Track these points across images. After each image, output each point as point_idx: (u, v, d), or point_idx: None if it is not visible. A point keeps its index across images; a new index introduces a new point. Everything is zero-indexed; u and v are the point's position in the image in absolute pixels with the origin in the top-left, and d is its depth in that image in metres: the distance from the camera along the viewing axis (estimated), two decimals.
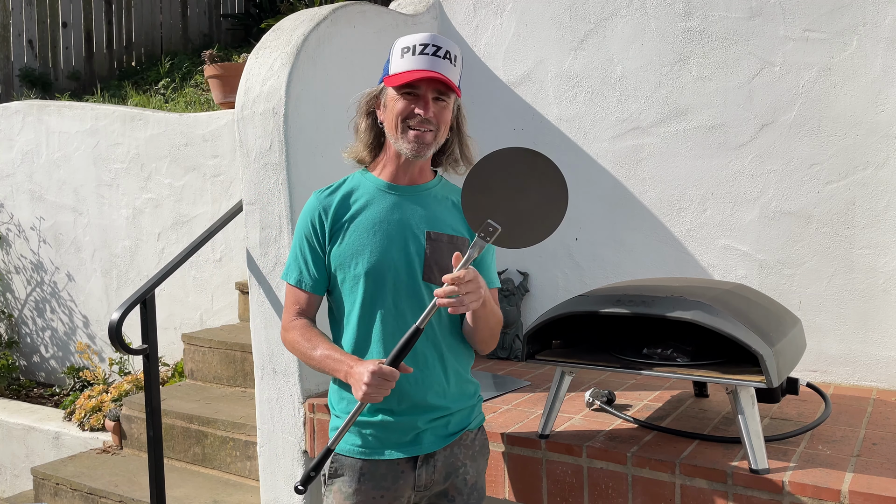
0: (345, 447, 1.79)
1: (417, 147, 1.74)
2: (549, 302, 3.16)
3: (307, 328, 1.81)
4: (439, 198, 1.85)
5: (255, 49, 2.74)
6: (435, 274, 1.76)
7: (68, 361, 5.14)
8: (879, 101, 2.58)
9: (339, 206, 1.80)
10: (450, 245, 1.79)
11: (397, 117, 1.73)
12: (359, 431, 1.79)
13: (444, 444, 1.80)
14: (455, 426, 1.83)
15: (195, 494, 3.18)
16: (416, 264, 1.76)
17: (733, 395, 1.87)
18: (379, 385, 1.61)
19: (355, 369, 1.65)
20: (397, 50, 1.75)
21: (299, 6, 6.27)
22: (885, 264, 2.60)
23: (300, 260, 1.82)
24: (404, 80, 1.70)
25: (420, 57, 1.71)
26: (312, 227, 1.80)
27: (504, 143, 3.27)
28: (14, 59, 7.19)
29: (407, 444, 1.77)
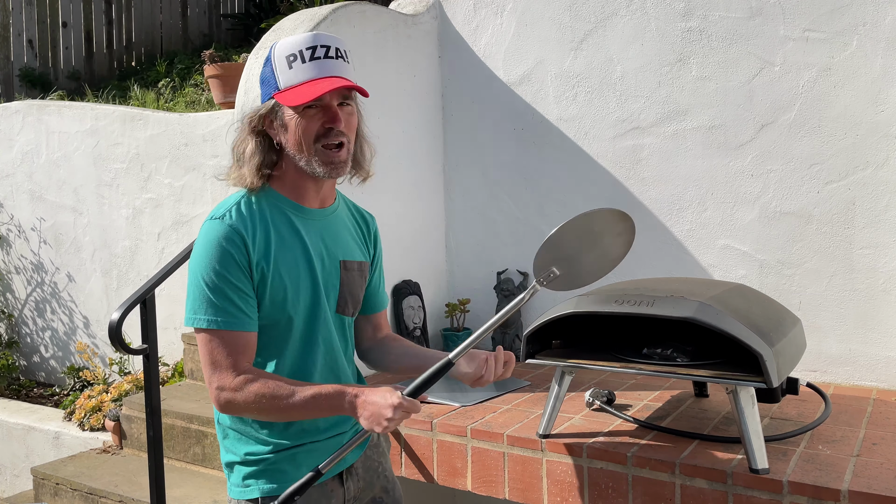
0: (268, 488, 1.59)
1: (335, 167, 1.55)
2: (550, 302, 3.16)
3: (267, 379, 1.51)
4: (343, 218, 1.72)
5: (255, 49, 2.74)
6: (348, 306, 1.67)
7: (68, 361, 5.14)
8: (879, 101, 2.58)
9: (259, 234, 1.55)
10: (358, 273, 1.69)
11: (306, 138, 1.52)
12: (282, 468, 1.60)
13: (361, 451, 1.74)
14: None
15: (195, 494, 3.18)
16: (332, 297, 1.63)
17: (733, 395, 1.87)
18: (401, 419, 1.46)
19: (367, 398, 1.47)
20: (281, 59, 1.53)
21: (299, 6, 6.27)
22: (885, 264, 2.60)
23: (221, 297, 1.50)
24: (306, 97, 1.48)
25: (311, 64, 1.51)
26: (230, 256, 1.51)
27: (504, 143, 3.27)
28: (14, 59, 7.19)
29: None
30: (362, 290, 1.73)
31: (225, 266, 1.51)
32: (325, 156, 1.54)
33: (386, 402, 1.45)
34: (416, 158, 3.28)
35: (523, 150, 3.24)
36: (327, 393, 1.50)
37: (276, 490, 1.58)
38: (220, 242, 1.52)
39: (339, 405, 1.51)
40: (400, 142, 3.17)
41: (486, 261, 3.35)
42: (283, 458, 1.60)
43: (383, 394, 1.47)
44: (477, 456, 2.26)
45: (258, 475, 1.60)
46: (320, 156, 1.54)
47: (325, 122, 1.53)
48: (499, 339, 3.24)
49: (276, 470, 1.61)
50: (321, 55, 1.52)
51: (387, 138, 2.81)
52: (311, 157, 1.54)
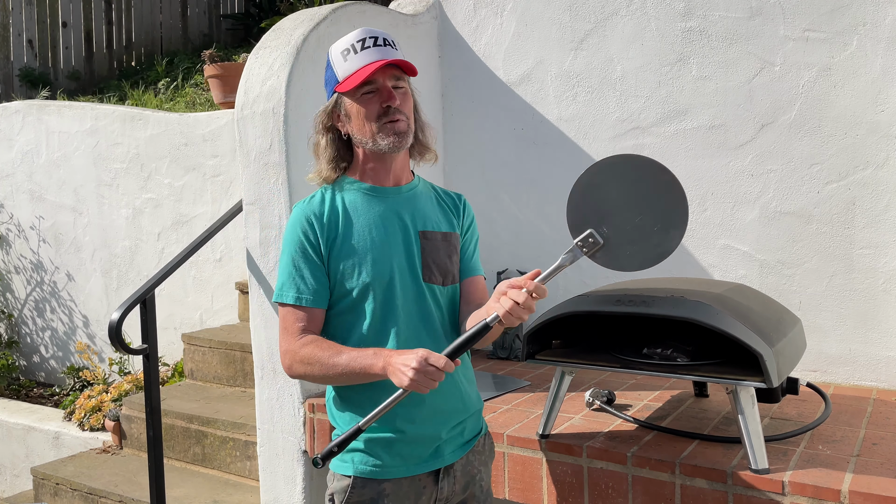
0: (365, 469, 1.67)
1: (398, 138, 1.66)
2: (550, 302, 3.16)
3: (319, 340, 1.65)
4: (424, 195, 1.80)
5: (254, 49, 2.74)
6: (434, 273, 1.72)
7: (68, 361, 5.14)
8: (879, 101, 2.58)
9: (330, 214, 1.70)
10: (444, 242, 1.75)
11: (368, 119, 1.66)
12: (377, 451, 1.67)
13: (463, 453, 1.75)
14: (469, 433, 1.78)
15: (195, 494, 3.18)
16: (417, 266, 1.70)
17: (733, 395, 1.87)
18: (427, 373, 1.47)
19: (396, 358, 1.52)
20: (336, 56, 1.68)
21: (299, 6, 6.27)
22: (885, 264, 2.60)
23: (295, 275, 1.67)
24: (358, 79, 1.63)
25: (363, 53, 1.65)
26: (305, 237, 1.68)
27: (504, 143, 3.27)
28: (14, 59, 7.19)
29: (429, 457, 1.70)
30: (451, 259, 1.76)
31: (299, 247, 1.68)
32: (387, 129, 1.66)
33: (413, 356, 1.49)
34: None
35: (523, 150, 3.24)
36: (364, 354, 1.58)
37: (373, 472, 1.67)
38: (296, 226, 1.69)
39: (373, 365, 1.57)
40: None
41: (486, 261, 3.35)
42: (377, 444, 1.67)
43: (412, 354, 1.50)
44: None
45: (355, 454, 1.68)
46: (383, 131, 1.66)
47: (383, 101, 1.65)
48: (499, 339, 3.25)
49: (371, 453, 1.68)
50: (370, 45, 1.66)
51: None
52: (375, 135, 1.66)
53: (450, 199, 1.86)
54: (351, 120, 1.69)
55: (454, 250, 1.78)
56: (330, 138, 1.73)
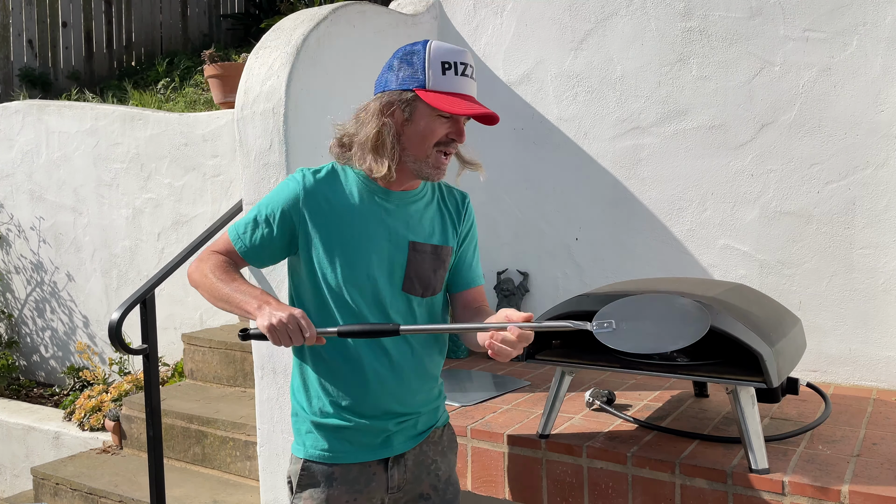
0: (314, 453, 1.73)
1: (438, 172, 1.68)
2: (549, 302, 3.16)
3: (228, 264, 1.70)
4: (427, 202, 1.79)
5: (254, 49, 2.73)
6: (415, 285, 1.72)
7: (68, 361, 5.14)
8: (879, 101, 2.58)
9: (326, 197, 1.68)
10: (433, 256, 1.74)
11: (431, 140, 1.64)
12: (328, 436, 1.73)
13: (414, 443, 1.78)
14: (423, 426, 1.81)
15: (195, 494, 3.18)
16: (398, 275, 1.70)
17: (733, 395, 1.87)
18: (291, 330, 1.50)
19: (274, 304, 1.54)
20: (436, 63, 1.62)
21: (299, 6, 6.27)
22: (885, 264, 2.60)
23: (257, 226, 1.70)
24: (460, 109, 1.59)
25: (462, 79, 1.63)
26: (292, 206, 1.67)
27: (504, 143, 3.27)
28: (14, 59, 7.19)
29: (377, 446, 1.74)
30: (437, 274, 1.76)
31: (276, 209, 1.68)
32: (438, 160, 1.67)
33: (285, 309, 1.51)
34: None
35: (523, 150, 3.24)
36: (249, 290, 1.60)
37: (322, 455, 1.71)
38: (287, 189, 1.69)
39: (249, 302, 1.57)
40: None
41: (486, 261, 3.35)
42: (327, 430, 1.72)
43: (285, 308, 1.53)
44: (477, 456, 2.26)
45: (307, 437, 1.74)
46: (433, 159, 1.67)
47: (451, 133, 1.66)
48: None
49: (323, 438, 1.72)
50: (469, 74, 1.66)
51: None
52: (425, 158, 1.66)
53: (453, 200, 1.85)
54: (412, 127, 1.65)
55: (441, 264, 1.77)
56: (393, 132, 1.65)
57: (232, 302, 1.62)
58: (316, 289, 1.70)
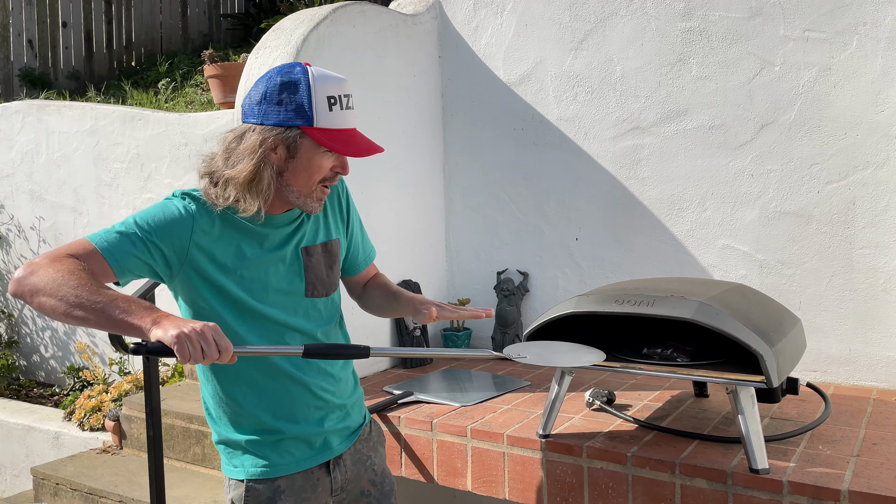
0: (256, 471, 1.66)
1: (320, 206, 1.65)
2: (549, 302, 3.16)
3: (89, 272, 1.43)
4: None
5: (255, 49, 2.74)
6: (317, 288, 1.71)
7: (68, 361, 5.14)
8: (879, 101, 2.58)
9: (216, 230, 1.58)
10: (325, 254, 1.74)
11: (317, 175, 1.58)
12: (266, 451, 1.67)
13: (350, 442, 1.78)
14: (354, 422, 1.80)
15: (195, 494, 3.18)
16: (298, 285, 1.68)
17: (733, 395, 1.87)
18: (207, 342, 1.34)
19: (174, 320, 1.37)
20: (322, 97, 1.53)
21: (299, 6, 6.27)
22: (885, 264, 2.60)
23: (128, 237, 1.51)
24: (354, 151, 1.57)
25: (346, 112, 1.57)
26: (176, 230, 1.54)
27: (504, 143, 3.27)
28: (14, 59, 7.19)
29: (317, 450, 1.72)
30: (333, 268, 1.77)
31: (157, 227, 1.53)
32: (321, 193, 1.63)
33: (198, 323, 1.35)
34: (415, 158, 3.28)
35: (523, 150, 3.24)
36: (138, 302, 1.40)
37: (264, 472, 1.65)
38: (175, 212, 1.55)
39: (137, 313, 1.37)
40: (400, 142, 3.17)
41: (486, 261, 3.35)
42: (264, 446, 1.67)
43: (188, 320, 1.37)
44: (477, 456, 2.26)
45: (244, 458, 1.68)
46: (318, 193, 1.62)
47: (337, 169, 1.62)
48: (499, 338, 3.24)
49: (260, 455, 1.67)
50: (352, 105, 1.60)
51: (387, 138, 2.81)
52: (309, 194, 1.61)
53: (333, 191, 1.80)
54: (296, 163, 1.56)
55: (335, 259, 1.77)
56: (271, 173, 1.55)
57: (107, 312, 1.36)
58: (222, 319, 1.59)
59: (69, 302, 1.37)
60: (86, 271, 1.42)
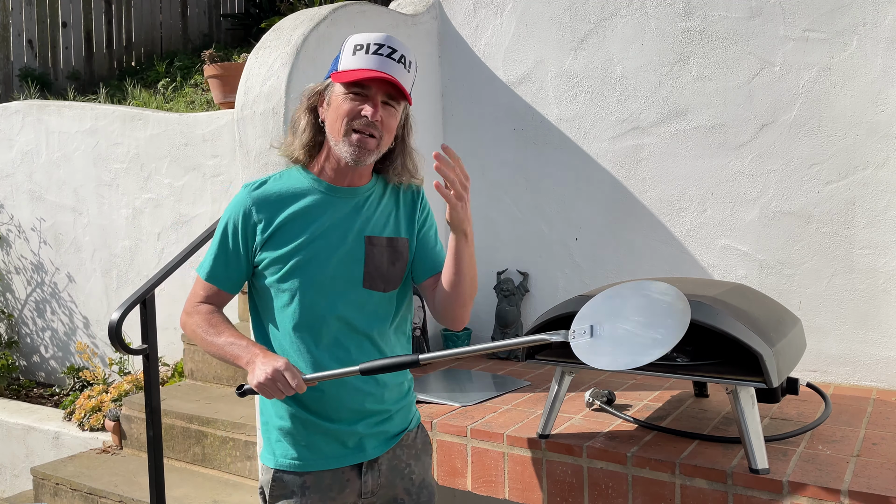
0: (285, 462, 1.70)
1: (358, 153, 1.63)
2: (550, 302, 3.16)
3: (213, 314, 1.71)
4: (379, 195, 1.77)
5: (254, 49, 2.74)
6: (376, 280, 1.70)
7: (68, 361, 5.14)
8: (879, 101, 2.58)
9: (272, 204, 1.68)
10: (389, 248, 1.72)
11: (343, 118, 1.63)
12: (298, 444, 1.70)
13: (387, 447, 1.75)
14: (396, 427, 1.77)
15: (195, 494, 3.18)
16: (358, 271, 1.68)
17: (733, 395, 1.87)
18: (279, 385, 1.54)
19: (261, 358, 1.58)
20: (349, 46, 1.65)
21: (299, 6, 6.27)
22: (885, 264, 2.60)
23: (217, 255, 1.71)
24: (354, 77, 1.60)
25: (373, 57, 1.62)
26: (236, 227, 1.68)
27: (504, 143, 3.27)
28: (14, 59, 7.19)
29: (350, 451, 1.71)
30: (396, 266, 1.73)
31: (230, 230, 1.69)
32: (353, 138, 1.63)
33: (275, 361, 1.55)
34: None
35: (523, 150, 3.24)
36: (240, 344, 1.64)
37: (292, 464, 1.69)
38: (235, 209, 1.70)
39: (241, 357, 1.63)
40: None
41: (486, 261, 3.35)
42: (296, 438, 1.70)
43: (276, 357, 1.57)
44: (477, 456, 2.26)
45: (277, 446, 1.72)
46: (349, 137, 1.63)
47: (363, 109, 1.62)
48: (498, 339, 3.25)
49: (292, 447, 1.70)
50: (384, 54, 1.63)
51: None
52: (343, 138, 1.64)
53: (408, 193, 1.82)
54: (329, 110, 1.67)
55: (399, 256, 1.74)
56: (310, 120, 1.70)
57: (225, 358, 1.66)
58: (277, 296, 1.68)
59: (207, 351, 1.71)
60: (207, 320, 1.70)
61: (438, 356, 1.56)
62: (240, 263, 1.70)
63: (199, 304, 1.73)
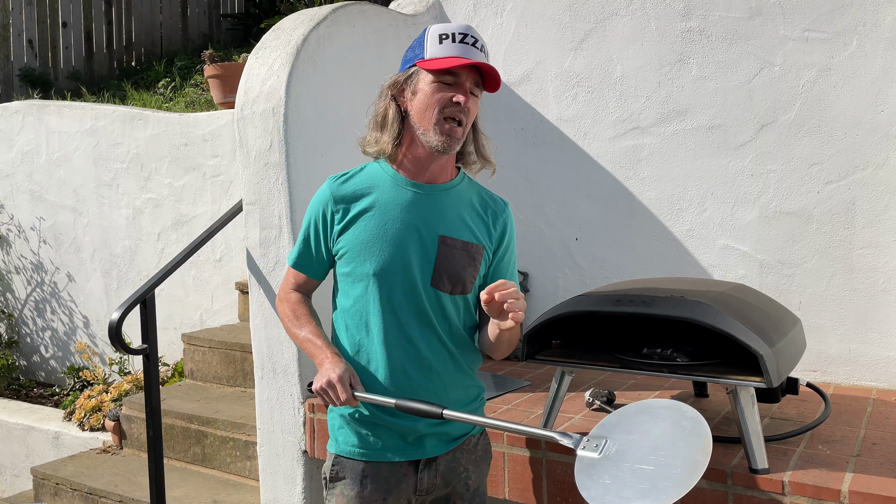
0: (346, 448, 1.76)
1: (449, 140, 1.66)
2: (549, 302, 3.16)
3: (299, 304, 1.82)
4: (460, 198, 1.77)
5: (255, 49, 2.73)
6: (444, 281, 1.70)
7: (68, 361, 5.14)
8: (879, 101, 2.58)
9: (353, 197, 1.73)
10: (463, 252, 1.72)
11: (435, 105, 1.64)
12: (359, 432, 1.75)
13: (447, 448, 1.77)
14: (458, 431, 1.79)
15: (195, 494, 3.18)
16: (427, 270, 1.69)
17: (733, 395, 1.87)
18: (331, 394, 1.62)
19: (328, 363, 1.66)
20: (433, 36, 1.67)
21: (299, 6, 6.27)
22: (885, 264, 2.60)
23: (302, 245, 1.81)
24: (449, 64, 1.62)
25: (460, 45, 1.66)
26: (320, 218, 1.75)
27: (504, 143, 3.27)
28: (14, 59, 7.19)
29: (409, 446, 1.74)
30: (469, 271, 1.73)
31: (314, 221, 1.77)
32: (444, 126, 1.66)
33: (334, 373, 1.63)
34: None
35: (523, 150, 3.24)
36: (316, 344, 1.73)
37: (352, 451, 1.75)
38: (318, 201, 1.76)
39: (315, 357, 1.72)
40: None
41: None
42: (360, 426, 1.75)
43: (338, 366, 1.65)
44: None
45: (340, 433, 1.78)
46: (440, 125, 1.66)
47: (454, 96, 1.65)
48: None
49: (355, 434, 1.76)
50: (469, 42, 1.67)
51: None
52: (432, 126, 1.66)
53: (492, 204, 1.84)
54: (416, 98, 1.68)
55: (472, 262, 1.74)
56: (396, 109, 1.70)
57: (305, 351, 1.77)
58: (350, 286, 1.73)
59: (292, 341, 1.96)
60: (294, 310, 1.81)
61: (462, 417, 1.59)
62: (321, 253, 1.78)
63: (290, 292, 1.84)
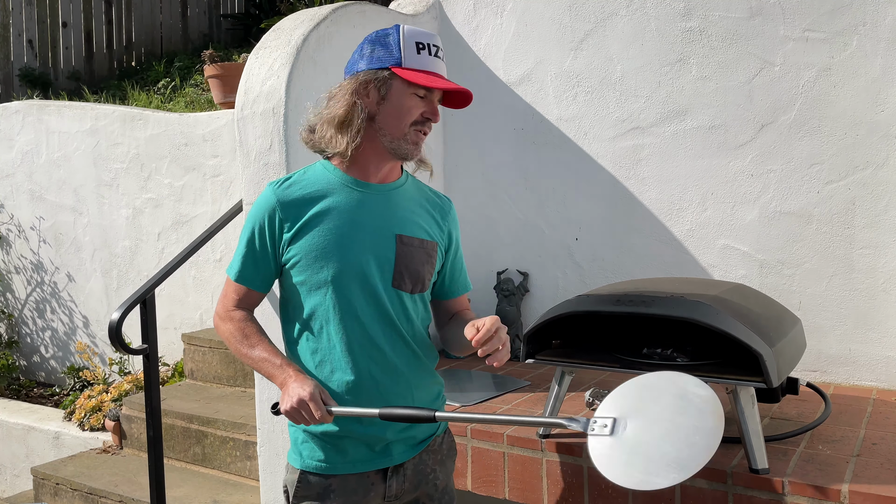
0: (311, 464, 1.70)
1: (416, 149, 1.67)
2: (549, 302, 3.16)
3: (246, 322, 1.70)
4: (409, 197, 1.75)
5: (255, 49, 2.74)
6: (405, 280, 1.68)
7: (68, 361, 5.14)
8: (879, 101, 2.58)
9: (302, 202, 1.65)
10: (420, 249, 1.70)
11: (410, 117, 1.63)
12: (324, 447, 1.69)
13: (414, 453, 1.74)
14: (424, 433, 1.76)
15: (195, 494, 3.18)
16: (388, 270, 1.66)
17: (733, 395, 1.87)
18: (304, 413, 1.55)
19: (292, 381, 1.58)
20: (409, 42, 1.63)
21: (299, 6, 6.27)
22: (885, 264, 2.60)
23: (245, 256, 1.70)
24: (436, 84, 1.61)
25: (434, 59, 1.65)
26: (262, 226, 1.66)
27: (504, 143, 3.27)
28: (14, 59, 7.19)
29: (376, 455, 1.70)
30: (427, 268, 1.72)
31: (257, 229, 1.68)
32: (416, 136, 1.66)
33: (304, 390, 1.56)
34: None
35: (523, 150, 3.24)
36: (274, 363, 1.64)
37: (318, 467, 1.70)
38: (261, 207, 1.68)
39: (276, 377, 1.64)
40: None
41: (486, 261, 3.35)
42: (324, 441, 1.70)
43: (306, 383, 1.58)
44: (477, 456, 2.26)
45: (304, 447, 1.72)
46: (411, 136, 1.66)
47: (426, 113, 1.66)
48: None
49: (320, 449, 1.70)
50: (441, 56, 1.68)
51: None
52: (402, 136, 1.65)
53: (438, 203, 1.82)
54: (388, 104, 1.64)
55: (429, 259, 1.73)
56: (360, 115, 1.63)
57: (260, 372, 1.68)
58: (305, 295, 1.68)
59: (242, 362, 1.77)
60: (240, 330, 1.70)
61: (456, 417, 1.57)
62: (268, 262, 1.69)
63: (232, 311, 1.72)
